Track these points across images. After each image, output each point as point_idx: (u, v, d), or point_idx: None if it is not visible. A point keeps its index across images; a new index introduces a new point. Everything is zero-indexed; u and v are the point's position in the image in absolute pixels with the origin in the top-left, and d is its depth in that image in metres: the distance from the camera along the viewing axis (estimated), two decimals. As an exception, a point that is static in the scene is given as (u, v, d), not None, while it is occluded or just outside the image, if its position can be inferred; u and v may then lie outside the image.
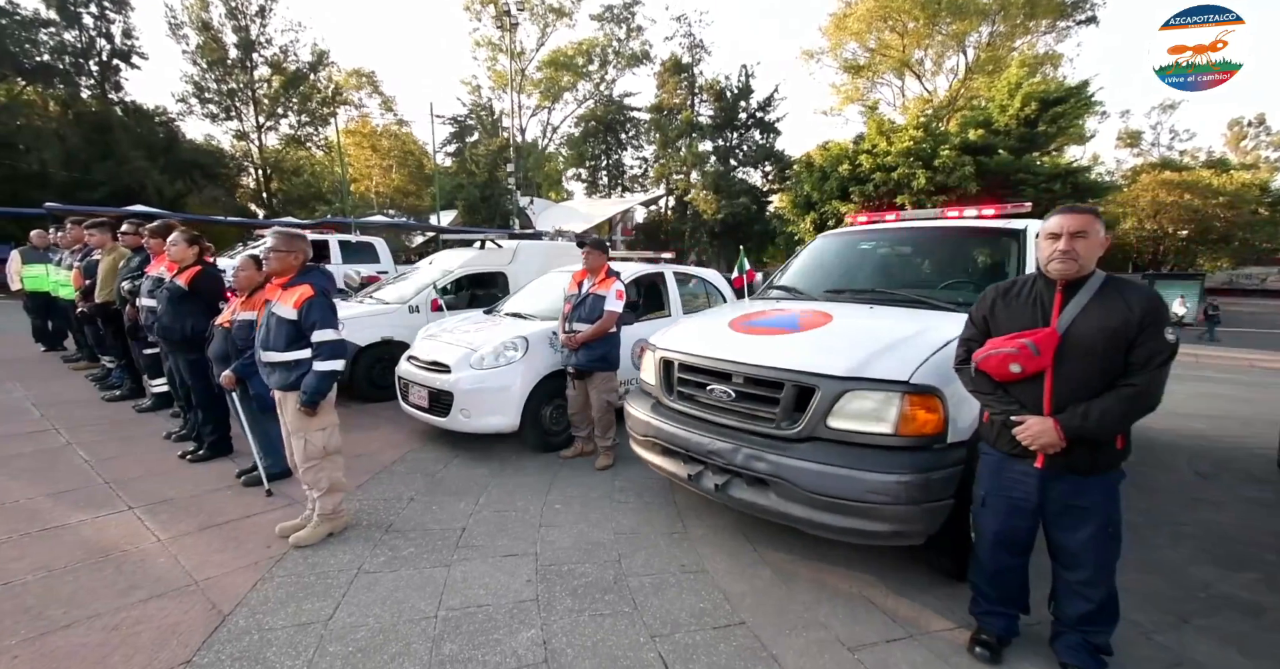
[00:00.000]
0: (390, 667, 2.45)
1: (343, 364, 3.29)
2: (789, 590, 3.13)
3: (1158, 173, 34.77)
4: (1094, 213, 2.34)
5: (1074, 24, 36.38)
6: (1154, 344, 2.18)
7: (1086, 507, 2.35)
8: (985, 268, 4.18)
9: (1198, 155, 45.54)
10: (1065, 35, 36.89)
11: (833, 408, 2.99)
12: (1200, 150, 49.46)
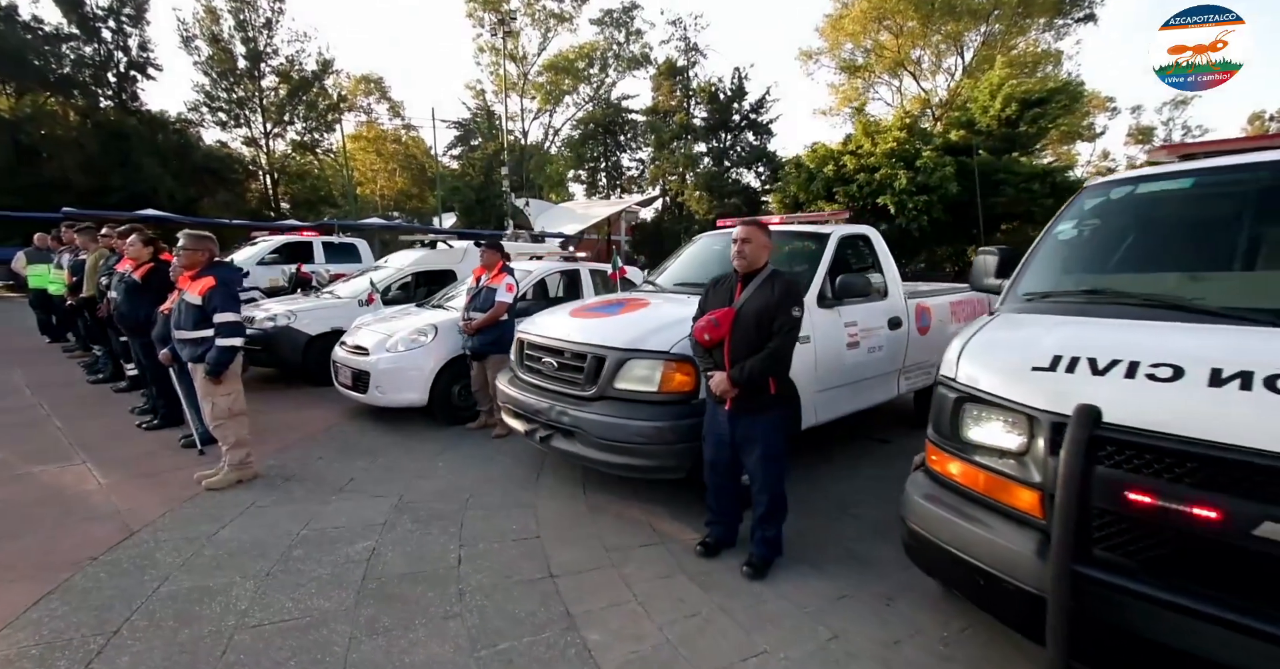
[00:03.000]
0: (248, 565, 3.25)
1: (241, 341, 4.10)
2: (591, 518, 3.90)
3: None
4: (757, 224, 3.18)
5: (1072, 22, 36.44)
6: (784, 319, 3.00)
7: (756, 437, 3.14)
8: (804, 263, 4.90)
9: None
10: (1064, 33, 37.01)
11: (618, 373, 3.79)
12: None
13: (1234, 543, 1.59)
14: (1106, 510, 1.82)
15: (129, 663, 2.46)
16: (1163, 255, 2.72)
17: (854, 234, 5.14)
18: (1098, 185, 3.05)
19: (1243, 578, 1.61)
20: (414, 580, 3.13)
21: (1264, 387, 1.66)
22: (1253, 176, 2.59)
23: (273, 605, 2.87)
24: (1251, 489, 1.58)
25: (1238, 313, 2.07)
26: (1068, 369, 2.02)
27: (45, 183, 25.60)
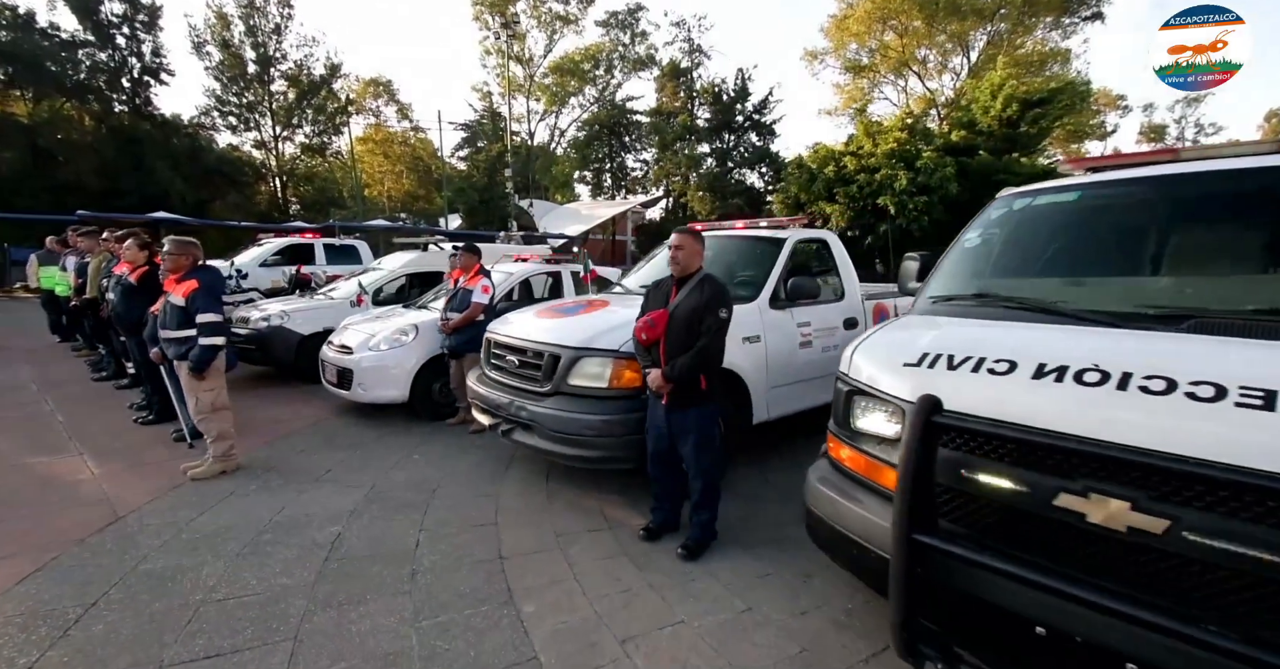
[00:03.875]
0: (221, 546, 3.52)
1: (222, 340, 4.37)
2: (549, 507, 4.15)
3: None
4: (690, 233, 3.43)
5: (1079, 20, 36.26)
6: (711, 319, 3.23)
7: (689, 428, 3.37)
8: (760, 266, 5.12)
9: None
10: (1071, 31, 36.82)
11: (571, 370, 4.04)
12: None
13: (1039, 512, 1.81)
14: (949, 487, 2.04)
15: (103, 631, 2.73)
16: (1046, 262, 2.93)
17: (811, 239, 5.37)
18: (1005, 196, 3.26)
19: (1047, 542, 1.83)
20: (372, 561, 3.39)
21: (1073, 380, 1.88)
22: (1125, 191, 2.80)
23: (238, 582, 3.14)
24: (1053, 466, 1.80)
25: (1088, 315, 2.28)
26: (930, 364, 2.24)
27: (61, 186, 26.17)
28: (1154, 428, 1.66)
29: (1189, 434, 1.60)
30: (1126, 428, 1.70)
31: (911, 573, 1.97)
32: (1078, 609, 1.66)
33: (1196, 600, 1.55)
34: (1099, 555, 1.73)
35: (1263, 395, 1.57)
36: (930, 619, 2.06)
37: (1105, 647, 1.64)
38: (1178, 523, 1.56)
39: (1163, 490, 1.60)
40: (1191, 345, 1.92)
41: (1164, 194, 2.69)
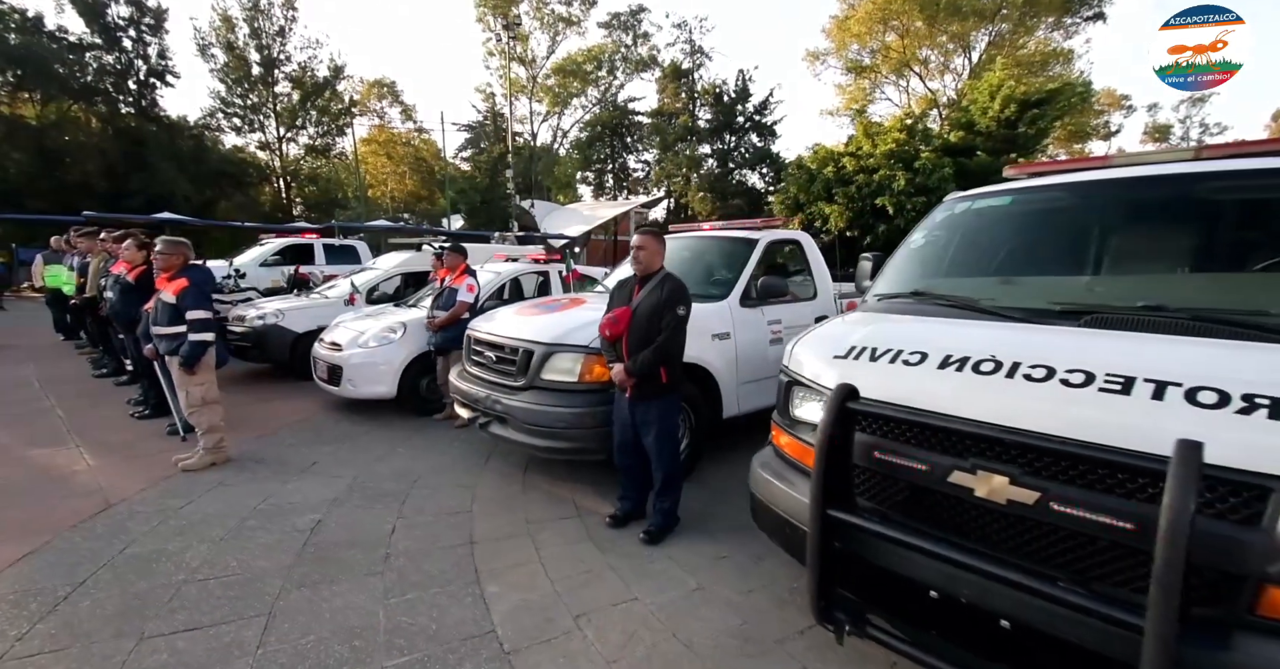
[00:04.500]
0: (205, 532, 3.69)
1: (212, 336, 4.55)
2: (523, 497, 4.32)
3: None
4: (651, 233, 3.58)
5: (1081, 20, 36.23)
6: (669, 316, 3.39)
7: (651, 420, 3.53)
8: (733, 265, 5.28)
9: None
10: (1074, 32, 36.78)
11: (544, 365, 4.20)
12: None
13: (937, 489, 1.97)
14: (865, 468, 2.20)
15: (89, 607, 2.91)
16: (980, 262, 3.08)
17: (785, 239, 5.53)
18: (949, 200, 3.42)
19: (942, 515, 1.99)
20: (348, 546, 3.56)
21: (970, 369, 2.04)
22: (1049, 196, 2.96)
23: (219, 564, 3.32)
24: (948, 447, 1.96)
25: (1004, 311, 2.43)
26: (855, 356, 2.40)
27: (68, 187, 26.47)
28: (1031, 411, 1.82)
29: (1058, 416, 1.76)
30: (1009, 411, 1.86)
31: (826, 546, 2.13)
32: (961, 574, 1.83)
33: (1055, 562, 1.72)
34: (984, 526, 1.90)
35: (1123, 381, 1.73)
36: (849, 588, 2.22)
37: (984, 607, 1.80)
38: (1046, 494, 1.72)
39: (1035, 466, 1.77)
40: (1080, 338, 2.08)
41: (1082, 199, 2.85)
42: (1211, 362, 1.75)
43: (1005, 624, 1.78)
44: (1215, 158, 2.67)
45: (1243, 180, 2.38)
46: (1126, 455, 1.57)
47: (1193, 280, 2.48)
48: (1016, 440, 1.77)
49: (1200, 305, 2.08)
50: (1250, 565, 1.45)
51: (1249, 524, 1.46)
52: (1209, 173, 2.46)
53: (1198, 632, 1.46)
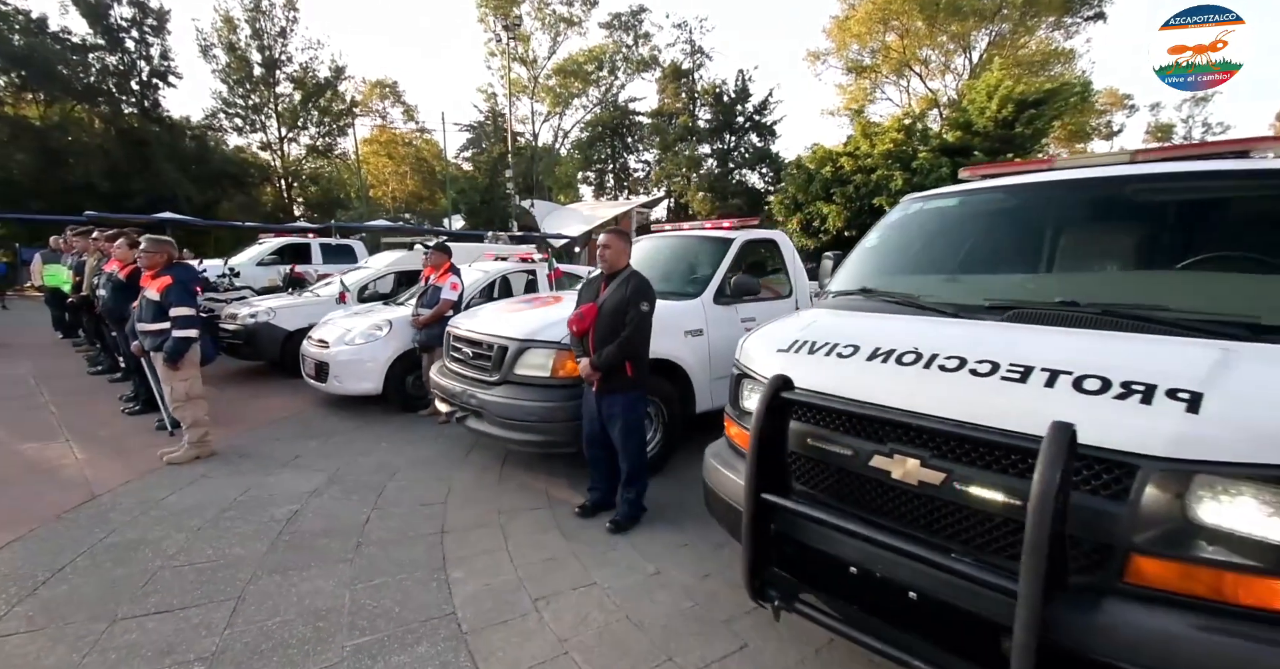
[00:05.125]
0: (185, 522, 3.81)
1: (195, 332, 4.66)
2: (498, 489, 4.42)
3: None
4: (617, 233, 3.70)
5: (1081, 20, 36.24)
6: (633, 312, 3.50)
7: (617, 413, 3.64)
8: (710, 264, 5.38)
9: None
10: (1074, 31, 36.79)
11: (518, 360, 4.31)
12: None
13: (860, 472, 2.07)
14: (800, 454, 2.30)
15: (67, 591, 3.03)
16: (926, 260, 3.18)
17: (760, 239, 5.63)
18: (905, 200, 3.51)
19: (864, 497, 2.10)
20: (323, 535, 3.67)
21: (894, 361, 2.13)
22: (991, 197, 3.06)
23: (195, 552, 3.43)
24: (870, 433, 2.06)
25: (938, 307, 2.53)
26: (795, 350, 2.50)
27: (71, 187, 26.69)
28: (940, 398, 1.92)
29: (963, 402, 1.86)
30: (923, 399, 1.96)
31: (760, 528, 2.24)
32: (876, 551, 1.93)
33: (958, 537, 1.83)
34: (899, 506, 2.00)
35: (1022, 370, 1.83)
36: (785, 568, 2.32)
37: (894, 580, 1.90)
38: (950, 475, 1.82)
39: (942, 449, 1.87)
40: (998, 332, 2.17)
41: (1020, 200, 2.95)
42: (1104, 352, 1.85)
43: (913, 595, 1.88)
44: (1148, 161, 2.76)
45: (1162, 183, 2.48)
46: (1013, 437, 1.67)
47: (1108, 277, 2.58)
48: (926, 426, 1.87)
49: (1110, 301, 2.18)
50: (1119, 537, 1.55)
51: (1118, 499, 1.56)
52: (1132, 176, 2.56)
53: (1074, 597, 1.57)
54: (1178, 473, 1.50)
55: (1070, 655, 1.55)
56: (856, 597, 2.10)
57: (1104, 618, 1.53)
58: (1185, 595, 1.49)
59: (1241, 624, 1.42)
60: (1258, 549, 1.43)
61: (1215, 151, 2.74)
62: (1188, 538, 1.50)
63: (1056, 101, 22.87)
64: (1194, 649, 1.42)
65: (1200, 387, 1.58)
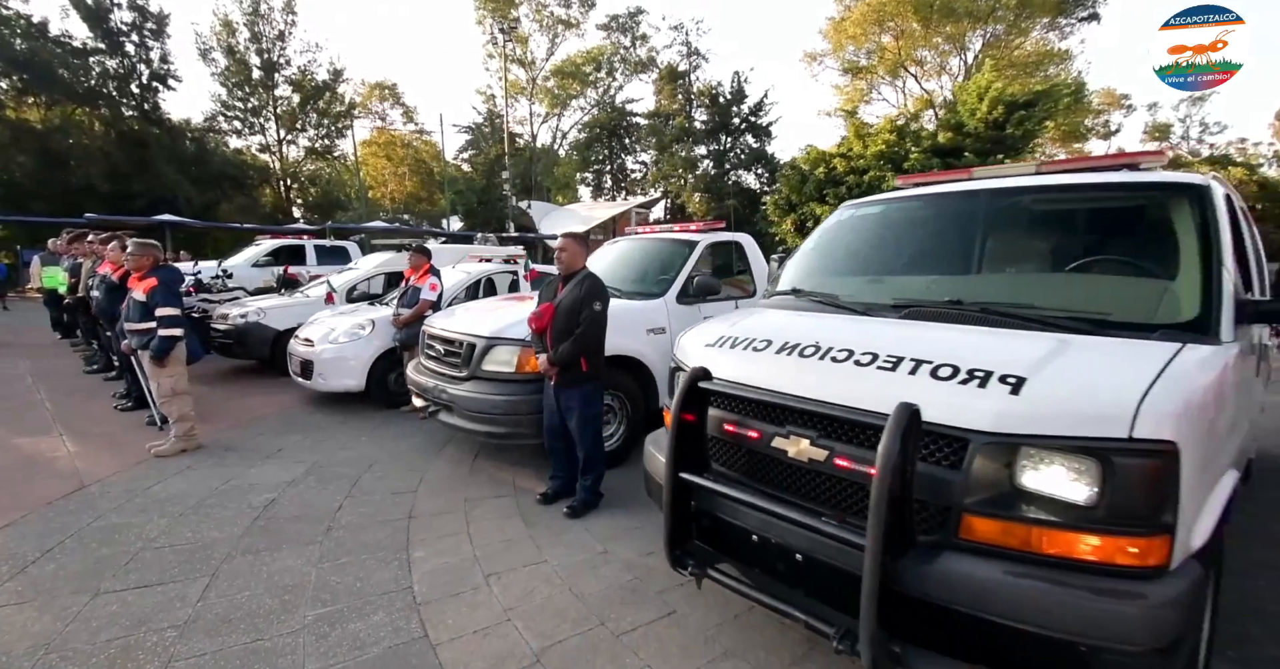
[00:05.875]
0: (167, 509, 4.04)
1: (180, 331, 4.90)
2: (468, 479, 4.65)
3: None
4: (574, 237, 3.93)
5: (1075, 21, 36.43)
6: (587, 311, 3.73)
7: (574, 405, 3.88)
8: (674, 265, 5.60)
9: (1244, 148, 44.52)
10: (1069, 32, 36.96)
11: (485, 357, 4.54)
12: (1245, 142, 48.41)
13: (764, 452, 2.30)
14: (717, 438, 2.53)
15: (54, 569, 3.27)
16: (852, 263, 3.42)
17: (725, 241, 5.86)
18: (842, 207, 3.76)
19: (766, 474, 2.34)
20: (296, 520, 3.91)
21: (797, 353, 2.36)
22: (908, 205, 3.32)
23: (175, 535, 3.67)
24: (772, 417, 2.29)
25: (849, 306, 2.78)
26: (719, 345, 2.74)
27: (72, 189, 26.96)
28: (828, 385, 2.15)
29: (844, 388, 2.09)
30: (815, 386, 2.19)
31: (678, 503, 2.47)
32: (770, 519, 2.17)
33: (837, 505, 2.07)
34: (794, 481, 2.23)
35: (894, 360, 2.06)
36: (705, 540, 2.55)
37: (785, 545, 2.13)
38: (832, 452, 2.05)
39: (826, 429, 2.10)
40: (891, 327, 2.42)
41: (931, 208, 3.20)
42: (965, 344, 2.09)
43: (799, 557, 2.11)
44: (1052, 172, 3.00)
45: (1047, 194, 2.73)
46: (873, 417, 1.90)
47: (993, 279, 2.83)
48: (814, 409, 2.11)
49: (989, 300, 2.42)
50: (955, 500, 1.78)
51: (955, 468, 1.79)
52: (1024, 187, 2.81)
53: (920, 553, 1.81)
54: (1000, 445, 1.74)
55: (916, 602, 1.79)
56: (758, 562, 2.33)
57: (940, 568, 1.76)
58: (1003, 547, 1.73)
59: (1041, 569, 1.66)
60: (1060, 507, 1.67)
61: (1109, 164, 2.97)
62: (1009, 500, 1.74)
63: (1046, 103, 23.01)
64: (1003, 591, 1.67)
65: (1026, 372, 1.81)
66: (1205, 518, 1.73)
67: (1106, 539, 1.61)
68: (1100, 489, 1.61)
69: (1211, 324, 1.99)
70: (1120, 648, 1.54)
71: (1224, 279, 2.07)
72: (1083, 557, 1.64)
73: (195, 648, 2.60)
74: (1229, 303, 2.03)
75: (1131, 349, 1.89)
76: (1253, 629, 2.74)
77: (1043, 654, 1.63)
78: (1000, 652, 1.71)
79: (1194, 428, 1.64)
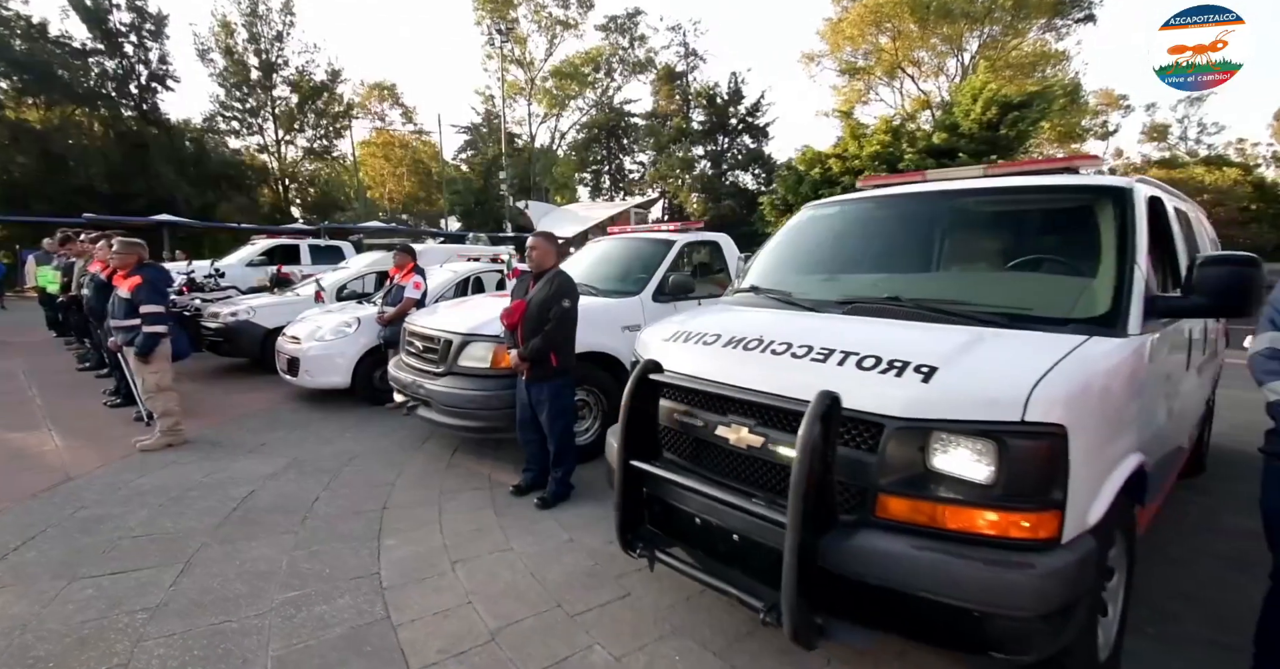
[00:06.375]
0: (149, 500, 4.15)
1: (164, 328, 5.00)
2: (445, 472, 4.75)
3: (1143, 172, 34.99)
4: (544, 236, 4.06)
5: (1071, 22, 36.53)
6: (556, 308, 3.83)
7: (544, 400, 3.98)
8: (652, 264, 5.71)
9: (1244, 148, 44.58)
10: (1065, 33, 37.07)
11: (461, 353, 4.65)
12: (1244, 143, 48.52)
13: (708, 440, 2.41)
14: (668, 427, 2.64)
15: (35, 556, 3.38)
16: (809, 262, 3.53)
17: (701, 241, 5.98)
18: (805, 207, 3.87)
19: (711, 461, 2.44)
20: (273, 511, 4.01)
21: (741, 347, 2.46)
22: (863, 207, 3.44)
23: (154, 525, 3.78)
24: (716, 406, 2.40)
25: (799, 302, 2.89)
26: (674, 340, 2.84)
27: (72, 190, 27.09)
28: (766, 376, 2.25)
29: (780, 379, 2.19)
30: (754, 377, 2.29)
31: (628, 489, 2.58)
32: (712, 503, 2.27)
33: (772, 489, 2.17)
34: (735, 466, 2.33)
35: (826, 352, 2.17)
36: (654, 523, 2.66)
37: (725, 526, 2.24)
38: (768, 438, 2.16)
39: (763, 417, 2.20)
40: (832, 323, 2.53)
41: (883, 209, 3.32)
42: (893, 337, 2.20)
43: (736, 538, 2.21)
44: (998, 175, 3.11)
45: (984, 196, 2.85)
46: (802, 404, 2.00)
47: (930, 277, 2.95)
48: (752, 399, 2.21)
49: (923, 296, 2.54)
50: (871, 480, 1.89)
51: (872, 451, 1.90)
52: (963, 190, 2.93)
53: (841, 531, 1.91)
54: (911, 429, 1.84)
55: (838, 577, 1.90)
56: (702, 543, 2.44)
57: (857, 545, 1.87)
58: (912, 524, 1.84)
59: (944, 543, 1.77)
60: (964, 486, 1.78)
61: (1050, 168, 3.09)
62: (920, 480, 1.85)
63: (1040, 104, 23.09)
64: (909, 563, 1.78)
65: (938, 362, 1.91)
66: (1101, 496, 1.84)
67: (1003, 515, 1.72)
68: (998, 468, 1.72)
69: (1119, 319, 2.10)
70: (1009, 613, 1.66)
71: (1135, 276, 2.18)
72: (982, 531, 1.74)
73: (165, 629, 2.71)
74: (1138, 299, 2.14)
75: (1040, 341, 2.00)
76: (1176, 608, 2.86)
77: (943, 621, 1.74)
78: (908, 620, 1.83)
79: (1084, 413, 1.75)
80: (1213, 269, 2.07)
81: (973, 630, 1.70)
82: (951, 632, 1.76)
